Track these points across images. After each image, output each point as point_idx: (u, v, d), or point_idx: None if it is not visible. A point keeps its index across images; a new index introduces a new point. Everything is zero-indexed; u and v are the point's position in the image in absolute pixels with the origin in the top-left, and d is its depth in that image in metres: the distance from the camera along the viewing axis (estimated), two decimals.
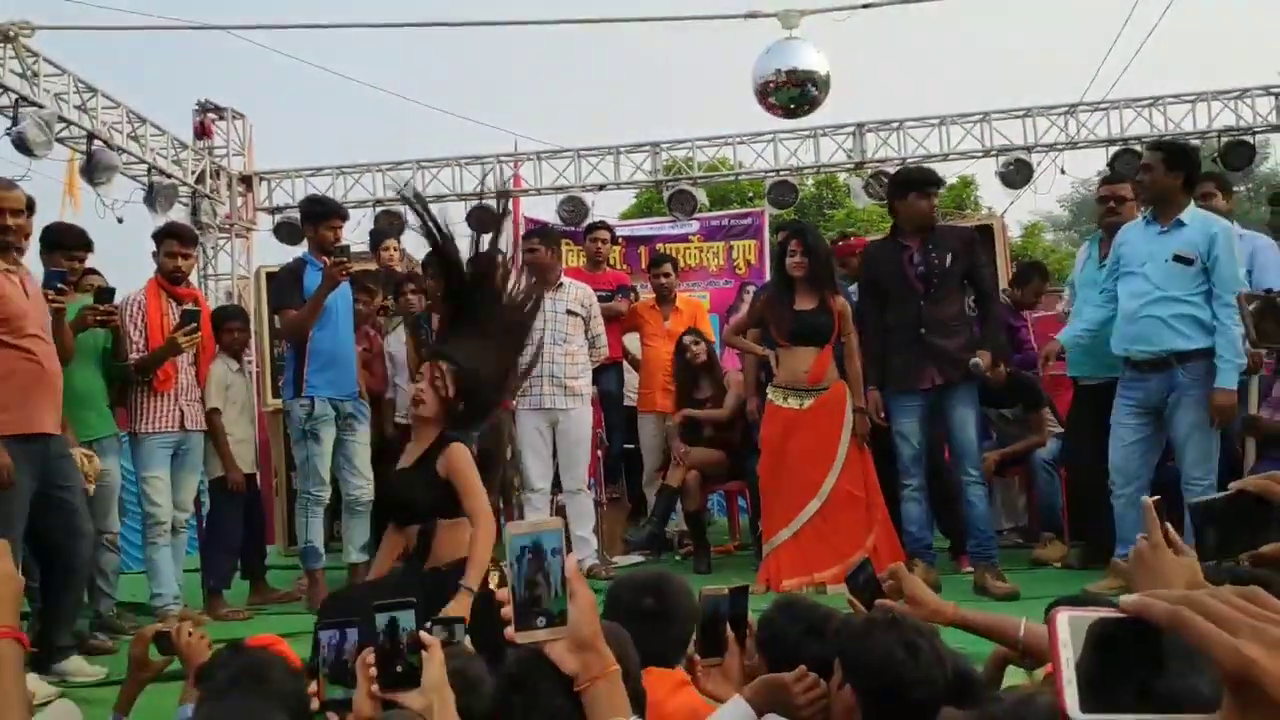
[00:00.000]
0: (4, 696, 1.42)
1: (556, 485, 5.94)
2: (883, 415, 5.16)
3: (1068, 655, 0.75)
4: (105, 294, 4.88)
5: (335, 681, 1.94)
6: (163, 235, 5.41)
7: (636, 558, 6.33)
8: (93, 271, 5.49)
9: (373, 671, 1.68)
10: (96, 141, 8.36)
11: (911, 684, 1.70)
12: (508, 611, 1.49)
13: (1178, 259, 4.59)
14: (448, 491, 3.46)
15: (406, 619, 1.70)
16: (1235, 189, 10.25)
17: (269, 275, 7.54)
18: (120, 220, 8.72)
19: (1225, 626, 0.71)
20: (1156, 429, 4.71)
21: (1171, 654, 0.74)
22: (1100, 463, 4.91)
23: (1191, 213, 4.68)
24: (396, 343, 6.21)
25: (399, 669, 1.67)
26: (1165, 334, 4.59)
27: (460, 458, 3.46)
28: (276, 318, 5.90)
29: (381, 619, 1.70)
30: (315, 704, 1.92)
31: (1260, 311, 4.24)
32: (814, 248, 5.32)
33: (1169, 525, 1.60)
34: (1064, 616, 0.76)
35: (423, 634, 1.68)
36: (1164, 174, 4.68)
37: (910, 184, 5.27)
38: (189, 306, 5.20)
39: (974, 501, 5.07)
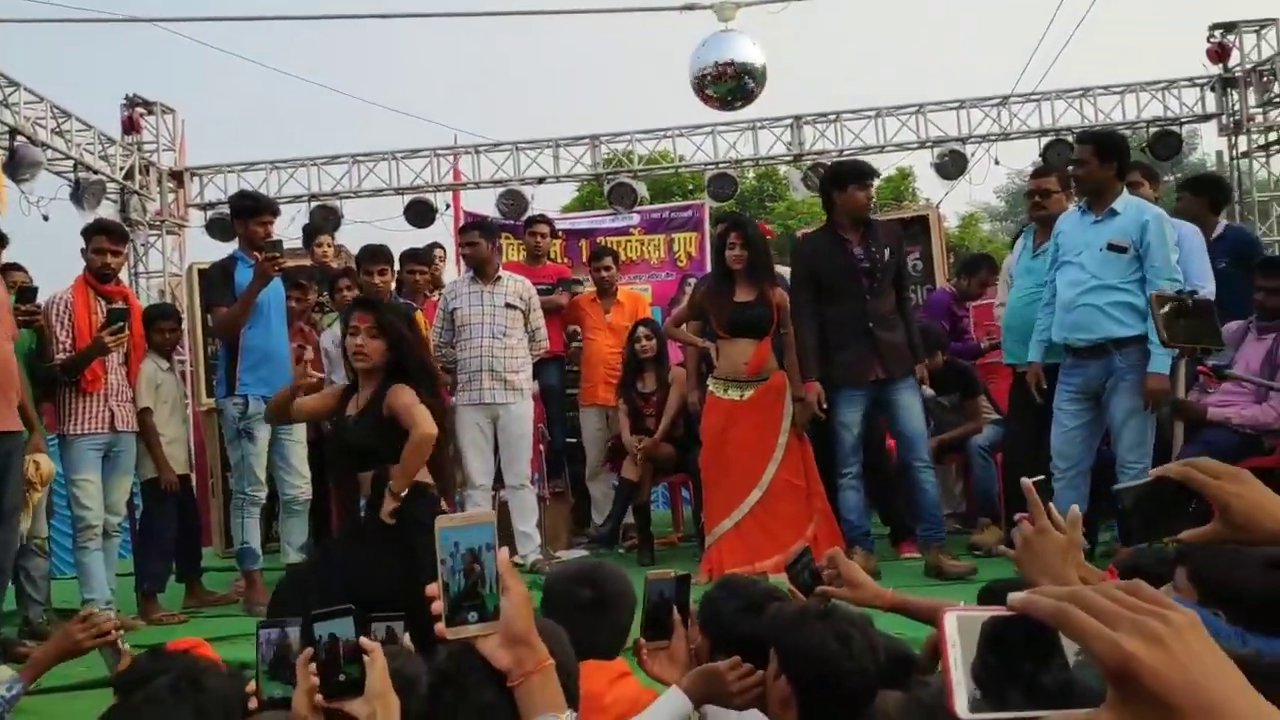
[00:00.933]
0: None
1: (498, 481, 5.90)
2: (824, 407, 5.17)
3: (956, 655, 0.75)
4: (27, 293, 4.75)
5: (274, 679, 1.91)
6: (91, 232, 5.28)
7: (580, 552, 6.32)
8: (16, 268, 5.34)
9: (313, 672, 1.65)
10: (19, 137, 8.15)
11: (845, 674, 1.71)
12: (438, 607, 1.47)
13: (1112, 247, 4.67)
14: (395, 435, 3.55)
15: (345, 627, 1.66)
16: (1166, 179, 10.48)
17: (201, 273, 7.39)
18: (46, 218, 8.53)
19: (1106, 621, 0.71)
20: (1096, 414, 4.79)
21: (1064, 649, 0.75)
22: (1037, 448, 4.99)
23: (1125, 201, 4.75)
24: (330, 339, 6.11)
25: (341, 678, 1.64)
26: (1103, 321, 4.66)
27: (402, 392, 3.57)
28: (209, 316, 5.77)
29: (320, 628, 1.67)
30: (254, 703, 1.90)
31: (1174, 313, 4.31)
32: (753, 240, 5.34)
33: (1051, 506, 1.64)
34: (952, 616, 0.76)
35: (364, 640, 1.65)
36: (1098, 166, 4.74)
37: (848, 176, 5.29)
38: (117, 305, 5.09)
39: (925, 487, 5.15)
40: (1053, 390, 4.92)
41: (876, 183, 5.42)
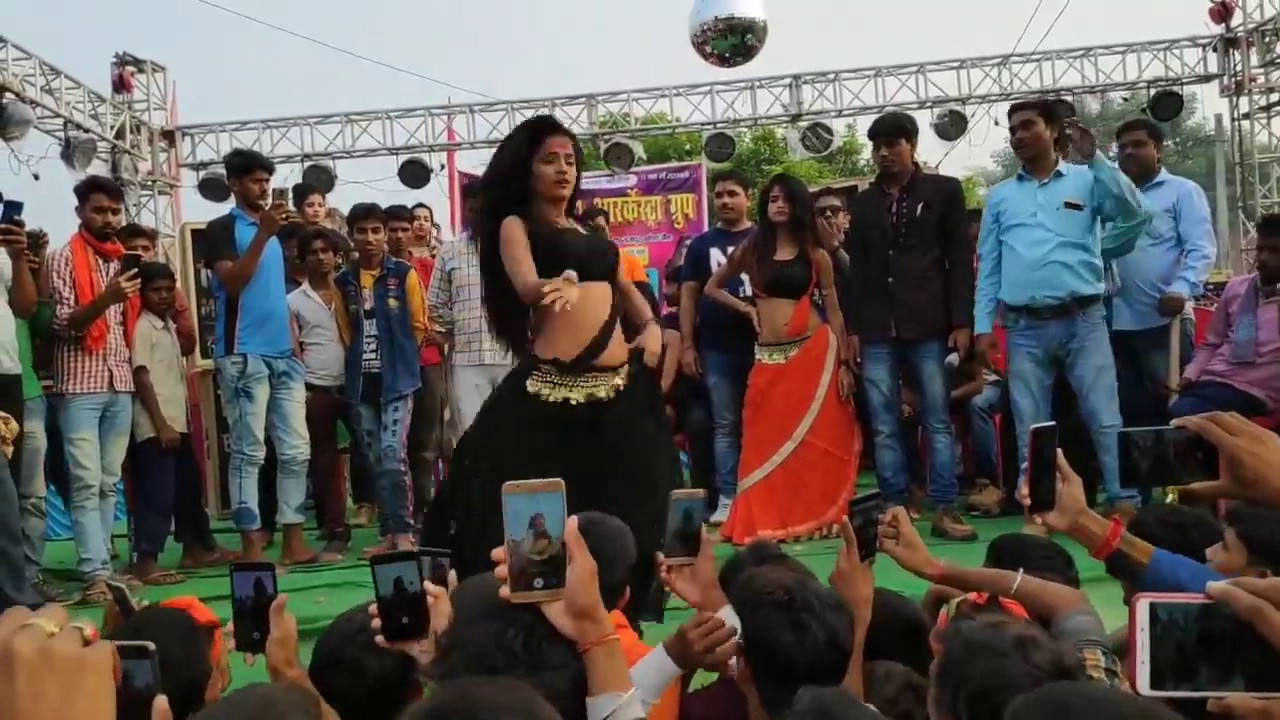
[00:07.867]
0: None
1: None
2: (859, 361, 5.24)
3: (1144, 639, 0.79)
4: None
5: (249, 625, 1.93)
6: (88, 190, 5.22)
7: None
8: None
9: (375, 614, 1.70)
10: (8, 94, 8.05)
11: (799, 666, 1.70)
12: (503, 571, 1.47)
13: (1069, 205, 4.73)
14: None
15: (410, 571, 1.70)
16: (1164, 141, 10.46)
17: (195, 233, 7.33)
18: (36, 177, 8.45)
19: None
20: (1053, 377, 4.87)
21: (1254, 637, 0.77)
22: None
23: (1063, 164, 4.86)
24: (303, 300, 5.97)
25: (404, 621, 1.69)
26: (1068, 279, 4.73)
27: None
28: (209, 270, 5.59)
29: (384, 571, 1.70)
30: (231, 643, 1.93)
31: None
32: (796, 195, 5.33)
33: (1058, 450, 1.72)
34: (1144, 603, 0.80)
35: (429, 585, 1.70)
36: (1044, 128, 4.82)
37: (871, 133, 5.36)
38: (132, 252, 5.14)
39: (939, 449, 5.19)
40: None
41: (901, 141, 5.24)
